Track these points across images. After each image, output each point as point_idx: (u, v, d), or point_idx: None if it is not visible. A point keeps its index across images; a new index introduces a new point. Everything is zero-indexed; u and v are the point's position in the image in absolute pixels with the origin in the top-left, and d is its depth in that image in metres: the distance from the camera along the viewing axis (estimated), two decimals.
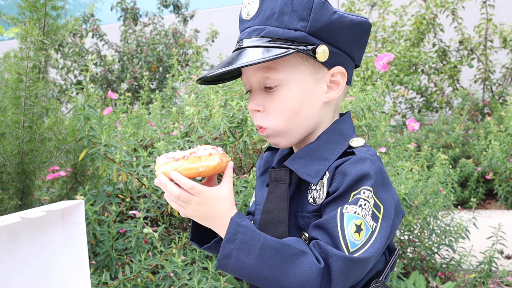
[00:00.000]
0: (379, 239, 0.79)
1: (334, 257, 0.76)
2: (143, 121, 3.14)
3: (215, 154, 0.83)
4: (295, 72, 0.85)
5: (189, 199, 0.81)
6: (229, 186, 0.84)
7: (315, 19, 0.83)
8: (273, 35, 0.83)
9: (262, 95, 0.87)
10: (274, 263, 0.77)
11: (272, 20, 0.83)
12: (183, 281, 1.69)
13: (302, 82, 0.86)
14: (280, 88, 0.85)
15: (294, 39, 0.82)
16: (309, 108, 0.87)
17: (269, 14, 0.84)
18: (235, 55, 0.85)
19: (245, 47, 0.84)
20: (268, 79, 0.85)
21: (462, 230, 2.57)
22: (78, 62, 6.02)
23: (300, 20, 0.82)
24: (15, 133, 1.83)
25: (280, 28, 0.83)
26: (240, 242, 0.78)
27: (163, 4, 6.59)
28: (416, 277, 2.36)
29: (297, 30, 0.83)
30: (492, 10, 5.45)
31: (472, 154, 4.80)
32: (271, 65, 0.84)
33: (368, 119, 2.05)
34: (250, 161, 1.95)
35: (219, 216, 0.82)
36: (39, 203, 2.41)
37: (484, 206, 4.71)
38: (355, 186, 0.80)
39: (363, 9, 5.96)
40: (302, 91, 0.86)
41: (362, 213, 0.79)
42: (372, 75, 4.87)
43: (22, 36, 1.66)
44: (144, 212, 1.89)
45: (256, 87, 0.88)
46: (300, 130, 0.88)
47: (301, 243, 0.79)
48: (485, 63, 5.59)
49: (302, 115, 0.87)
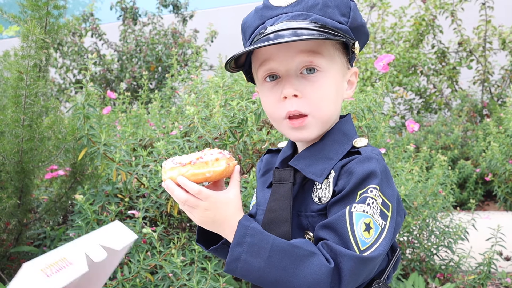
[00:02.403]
0: (388, 238, 0.80)
1: (345, 257, 0.76)
2: (142, 120, 3.13)
3: (222, 159, 0.83)
4: (335, 63, 0.87)
5: (196, 204, 0.81)
6: (236, 190, 0.84)
7: (354, 17, 0.88)
8: (321, 22, 0.84)
9: (299, 81, 0.85)
10: (284, 265, 0.76)
11: (317, 10, 0.85)
12: (182, 281, 1.69)
13: (337, 73, 0.88)
14: (321, 75, 0.85)
15: (340, 30, 0.85)
16: (339, 100, 0.90)
17: (313, 4, 0.85)
18: (283, 34, 0.81)
19: (293, 28, 0.82)
20: (311, 63, 0.84)
21: (461, 231, 2.57)
22: (77, 61, 6.01)
23: (342, 15, 0.86)
24: (15, 131, 1.82)
25: (326, 18, 0.85)
26: (248, 245, 0.78)
27: (163, 4, 6.58)
28: (415, 278, 2.36)
29: (340, 23, 0.86)
30: (491, 12, 5.46)
31: (470, 155, 4.81)
32: (317, 49, 0.84)
33: (368, 119, 2.05)
34: (249, 161, 1.95)
35: (227, 220, 0.81)
36: (37, 202, 2.40)
37: (483, 208, 4.72)
38: (362, 184, 0.81)
39: (362, 10, 5.96)
40: (338, 82, 0.88)
41: (370, 212, 0.79)
42: (371, 76, 4.87)
43: (24, 34, 1.65)
44: (143, 212, 1.88)
45: (291, 72, 0.85)
46: (331, 121, 0.90)
47: (310, 244, 0.79)
48: (484, 64, 5.60)
49: (336, 106, 0.89)
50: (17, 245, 2.22)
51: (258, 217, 0.95)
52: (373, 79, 4.86)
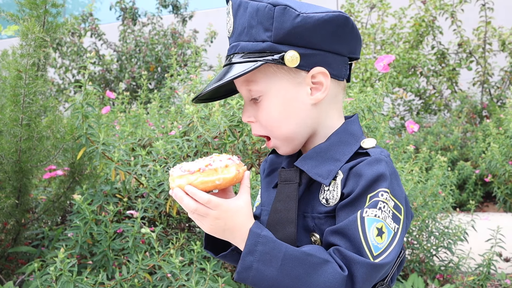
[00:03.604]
0: (400, 241, 0.79)
1: (358, 264, 0.75)
2: (141, 120, 3.12)
3: (231, 166, 0.82)
4: (273, 81, 0.86)
5: (206, 213, 0.80)
6: (246, 197, 0.83)
7: (278, 27, 0.83)
8: (245, 50, 0.85)
9: (251, 107, 0.90)
10: (297, 273, 0.75)
11: (244, 35, 0.86)
12: (181, 282, 1.68)
13: (281, 89, 0.86)
14: (263, 99, 0.87)
15: (262, 51, 0.84)
16: (296, 113, 0.87)
17: (241, 30, 0.86)
18: (223, 72, 0.88)
19: (226, 65, 0.88)
20: (251, 91, 0.88)
21: (461, 232, 2.57)
22: (76, 62, 6.01)
23: (265, 30, 0.83)
24: (13, 131, 1.81)
25: (250, 42, 0.85)
26: (260, 254, 0.77)
27: (162, 4, 6.58)
28: (415, 279, 2.35)
29: (264, 41, 0.84)
30: (491, 13, 5.46)
31: (470, 156, 4.81)
32: (249, 78, 0.86)
33: (368, 120, 2.05)
34: (249, 161, 1.94)
35: (238, 229, 0.80)
36: (35, 202, 2.39)
37: (482, 209, 4.71)
38: (371, 187, 0.79)
39: (362, 11, 5.96)
40: (283, 98, 0.86)
41: (382, 216, 0.78)
42: (371, 76, 4.87)
43: (23, 33, 1.65)
44: (141, 212, 1.88)
45: (246, 99, 0.90)
46: (297, 135, 0.89)
47: (322, 251, 0.78)
48: (484, 66, 5.61)
49: (290, 121, 0.87)
50: (15, 245, 2.21)
51: (263, 217, 0.94)
52: (372, 79, 4.86)
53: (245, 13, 0.85)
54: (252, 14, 0.84)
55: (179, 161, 1.93)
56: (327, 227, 0.82)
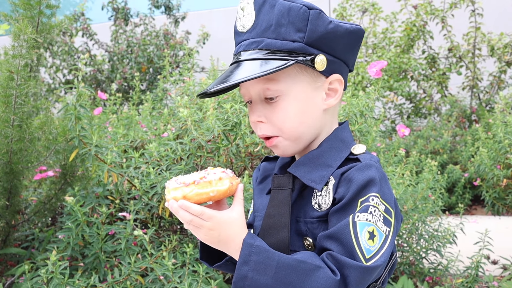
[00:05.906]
0: (391, 244, 0.82)
1: (350, 267, 0.77)
2: (133, 122, 3.11)
3: (225, 178, 0.84)
4: (295, 82, 0.86)
5: (200, 224, 0.82)
6: (240, 209, 0.85)
7: (312, 30, 0.84)
8: (271, 47, 0.84)
9: (263, 106, 0.88)
10: (291, 280, 0.77)
11: (270, 32, 0.84)
12: (173, 284, 1.68)
13: (302, 91, 0.87)
14: (281, 99, 0.86)
15: (292, 50, 0.84)
16: (310, 116, 0.89)
17: (266, 26, 0.85)
18: (233, 69, 0.86)
19: (242, 60, 0.86)
20: (268, 90, 0.86)
21: (450, 235, 2.60)
22: (67, 61, 5.96)
23: (297, 31, 0.84)
24: (4, 132, 1.80)
25: (278, 40, 0.84)
26: (255, 263, 0.79)
27: (155, 4, 6.56)
28: (405, 281, 2.37)
29: (295, 41, 0.84)
30: (481, 19, 5.54)
31: (459, 160, 4.86)
32: (271, 76, 0.85)
33: (360, 124, 2.07)
34: (242, 164, 1.95)
35: (232, 239, 0.82)
36: (26, 204, 2.37)
37: (470, 212, 4.77)
38: (362, 192, 0.82)
39: (354, 15, 6.00)
40: (303, 100, 0.87)
41: (373, 220, 0.81)
42: (363, 80, 4.90)
43: (15, 33, 1.64)
44: (134, 214, 1.87)
45: (256, 98, 0.89)
46: (305, 138, 0.90)
47: (314, 257, 0.80)
48: (473, 70, 5.68)
49: (305, 124, 0.88)
50: (4, 246, 2.19)
51: (256, 223, 0.95)
52: (364, 83, 4.89)
53: (272, 10, 0.85)
54: (282, 12, 0.84)
55: (172, 164, 1.93)
56: (320, 231, 0.84)
